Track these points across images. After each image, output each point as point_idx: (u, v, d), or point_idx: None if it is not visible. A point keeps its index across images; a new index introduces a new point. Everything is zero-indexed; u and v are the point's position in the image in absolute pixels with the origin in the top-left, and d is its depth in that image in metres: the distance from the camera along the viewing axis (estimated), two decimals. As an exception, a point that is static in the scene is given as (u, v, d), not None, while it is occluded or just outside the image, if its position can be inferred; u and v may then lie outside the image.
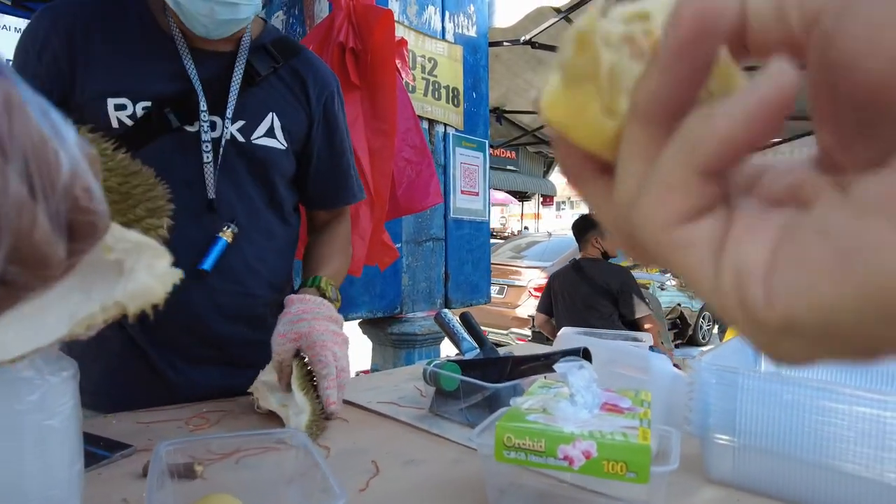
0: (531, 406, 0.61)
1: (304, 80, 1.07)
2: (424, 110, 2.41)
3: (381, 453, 0.81)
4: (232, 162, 1.00)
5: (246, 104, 1.00)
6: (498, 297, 6.31)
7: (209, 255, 0.96)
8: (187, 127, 0.95)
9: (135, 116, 0.92)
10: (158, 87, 0.94)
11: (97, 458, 0.72)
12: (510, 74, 4.23)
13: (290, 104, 1.06)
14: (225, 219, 0.98)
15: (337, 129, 1.14)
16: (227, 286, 1.00)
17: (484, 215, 2.74)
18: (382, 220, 1.85)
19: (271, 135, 1.03)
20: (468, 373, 0.96)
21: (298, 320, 0.91)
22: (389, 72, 1.78)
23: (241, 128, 1.00)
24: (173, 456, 0.65)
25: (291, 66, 1.06)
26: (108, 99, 0.91)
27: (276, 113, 1.03)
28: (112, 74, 0.92)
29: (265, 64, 1.02)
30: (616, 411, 0.62)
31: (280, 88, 1.05)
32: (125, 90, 0.92)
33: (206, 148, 0.96)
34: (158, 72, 0.95)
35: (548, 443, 0.54)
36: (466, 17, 2.60)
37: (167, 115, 0.93)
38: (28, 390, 0.54)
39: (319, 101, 1.09)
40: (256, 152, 1.01)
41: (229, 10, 0.90)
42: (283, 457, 0.72)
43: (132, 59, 0.94)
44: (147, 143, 0.92)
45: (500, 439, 0.56)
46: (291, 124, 1.05)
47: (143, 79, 0.94)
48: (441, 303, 2.54)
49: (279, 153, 1.04)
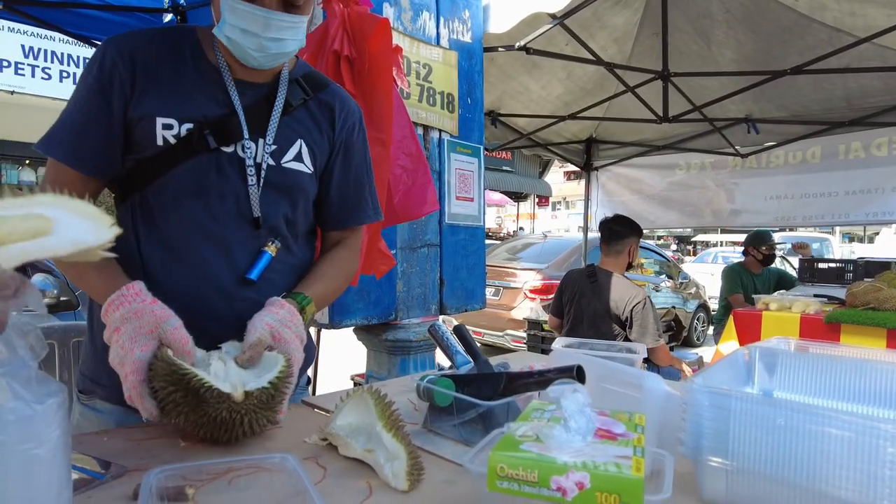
0: (524, 433, 0.61)
1: (331, 112, 1.18)
2: (419, 116, 2.40)
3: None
4: (270, 184, 1.09)
5: (277, 131, 1.10)
6: (494, 298, 6.32)
7: (256, 266, 1.07)
8: (224, 148, 1.04)
9: (178, 136, 1.02)
10: (203, 112, 1.04)
11: (89, 479, 0.72)
12: (505, 78, 4.22)
13: (316, 132, 1.16)
14: (269, 234, 1.09)
15: (355, 156, 1.24)
16: (246, 293, 1.06)
17: (479, 221, 2.74)
18: (379, 228, 1.84)
19: (299, 159, 1.13)
20: (462, 388, 0.96)
21: (284, 326, 0.98)
22: (386, 80, 1.78)
23: (272, 152, 1.09)
24: (164, 479, 0.64)
25: (320, 98, 1.17)
26: (157, 118, 1.01)
27: (303, 140, 1.13)
28: (164, 98, 1.03)
29: (296, 95, 1.14)
30: (609, 438, 0.62)
31: (308, 118, 1.15)
32: (174, 112, 1.02)
33: (250, 172, 1.06)
34: (205, 98, 1.05)
35: (541, 473, 0.54)
36: (461, 22, 2.60)
37: (206, 135, 1.02)
38: (13, 418, 0.53)
39: (342, 131, 1.20)
40: (286, 175, 1.11)
41: (277, 45, 1.01)
42: (274, 479, 0.72)
43: (183, 87, 1.04)
44: (187, 159, 1.02)
45: (493, 469, 0.56)
46: (317, 150, 1.15)
47: (191, 104, 1.04)
48: (436, 309, 2.53)
49: (305, 176, 1.14)
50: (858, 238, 24.37)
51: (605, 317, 3.00)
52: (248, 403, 0.83)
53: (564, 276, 3.33)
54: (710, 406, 0.72)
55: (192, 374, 0.82)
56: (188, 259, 1.03)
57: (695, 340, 8.05)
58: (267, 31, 0.99)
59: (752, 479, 0.69)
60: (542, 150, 5.69)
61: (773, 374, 1.02)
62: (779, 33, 3.46)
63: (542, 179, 18.54)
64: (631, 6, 3.55)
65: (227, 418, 0.83)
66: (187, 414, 0.83)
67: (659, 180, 5.77)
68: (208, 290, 1.03)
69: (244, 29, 0.98)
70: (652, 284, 7.21)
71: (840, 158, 4.70)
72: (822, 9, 3.16)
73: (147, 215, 1.04)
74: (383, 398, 0.86)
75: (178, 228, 1.03)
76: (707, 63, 3.92)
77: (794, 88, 4.08)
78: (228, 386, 0.83)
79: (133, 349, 0.86)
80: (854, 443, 0.62)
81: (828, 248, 14.50)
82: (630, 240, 3.08)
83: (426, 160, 2.03)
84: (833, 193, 4.78)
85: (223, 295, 1.04)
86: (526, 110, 4.72)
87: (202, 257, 1.03)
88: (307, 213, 1.19)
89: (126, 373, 0.86)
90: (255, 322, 0.97)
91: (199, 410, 0.83)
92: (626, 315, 2.95)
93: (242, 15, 0.98)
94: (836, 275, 4.66)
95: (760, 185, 5.20)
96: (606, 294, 2.99)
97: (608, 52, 3.87)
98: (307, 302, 1.07)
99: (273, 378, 0.87)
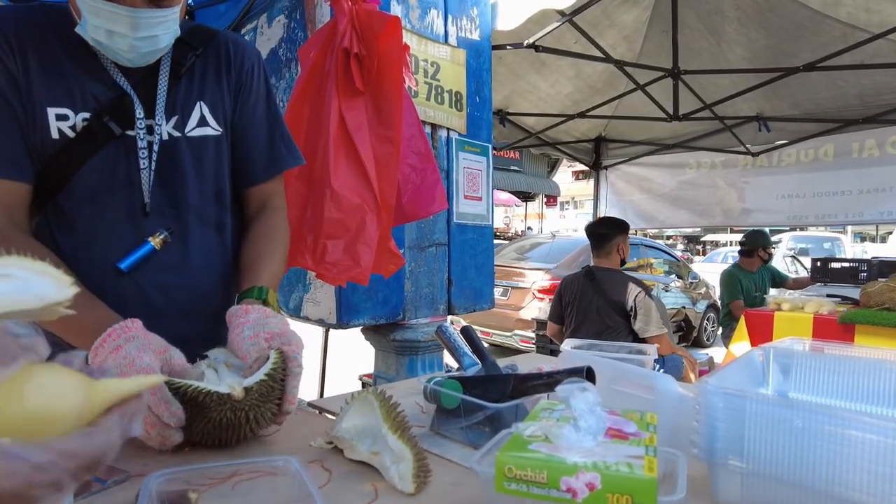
0: (533, 433, 0.60)
1: (224, 58, 1.10)
2: (427, 115, 2.39)
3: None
4: (175, 159, 1.02)
5: (175, 99, 1.03)
6: (502, 298, 6.29)
7: (130, 256, 0.99)
8: (129, 132, 0.98)
9: (76, 128, 0.94)
10: (93, 95, 0.96)
11: (91, 485, 0.71)
12: (514, 76, 4.20)
13: (215, 87, 1.08)
14: (159, 224, 1.01)
15: (257, 100, 1.15)
16: (183, 281, 1.02)
17: (487, 220, 2.72)
18: (390, 228, 1.83)
19: (204, 123, 1.06)
20: (469, 390, 0.94)
21: (265, 322, 0.92)
22: (396, 79, 1.77)
23: (175, 124, 1.02)
24: (166, 484, 0.63)
25: (210, 49, 1.09)
26: (49, 108, 0.93)
27: (203, 101, 1.06)
28: (51, 85, 0.93)
29: (186, 55, 1.04)
30: (621, 437, 0.60)
31: (203, 75, 1.07)
32: (65, 101, 0.94)
33: (142, 154, 0.99)
34: (92, 82, 0.97)
35: (550, 474, 0.53)
36: (469, 20, 2.58)
37: (107, 123, 0.95)
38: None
39: (240, 75, 1.12)
40: (193, 143, 1.04)
41: (149, 43, 0.93)
42: (277, 483, 0.71)
43: (64, 72, 0.95)
44: (96, 152, 0.95)
45: (501, 470, 0.54)
46: (221, 106, 1.08)
47: (79, 89, 0.95)
48: (444, 309, 2.52)
49: (215, 139, 1.07)
50: (871, 237, 24.09)
51: (610, 309, 3.02)
52: (249, 399, 0.83)
53: (562, 282, 3.36)
54: (725, 408, 0.70)
55: (188, 385, 0.81)
56: (112, 257, 0.97)
57: (705, 341, 7.98)
58: (136, 32, 0.90)
59: (768, 483, 0.67)
60: (551, 149, 5.67)
61: (788, 375, 0.99)
62: (791, 30, 3.41)
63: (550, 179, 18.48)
64: (640, 3, 3.52)
65: (231, 418, 0.82)
66: (192, 425, 0.82)
67: (669, 179, 5.72)
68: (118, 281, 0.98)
69: (109, 30, 0.89)
70: (661, 284, 7.15)
71: (854, 157, 4.64)
72: (836, 5, 3.12)
73: (62, 222, 0.97)
74: (388, 399, 0.85)
75: (97, 227, 0.97)
76: (718, 60, 3.88)
77: (806, 86, 4.03)
78: (226, 387, 0.83)
79: (142, 357, 0.79)
80: (876, 445, 0.59)
81: (839, 247, 14.35)
82: (616, 239, 3.12)
83: (434, 159, 2.02)
84: (846, 192, 4.71)
85: (158, 285, 1.00)
86: (534, 109, 4.70)
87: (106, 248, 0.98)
88: (227, 179, 1.11)
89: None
90: (237, 344, 0.91)
91: (202, 418, 0.82)
92: (630, 304, 2.97)
93: (105, 16, 0.88)
94: (850, 275, 4.60)
95: (772, 184, 5.14)
96: (608, 287, 3.04)
97: (617, 50, 3.84)
98: (265, 293, 1.01)
99: (268, 370, 0.86)
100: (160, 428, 0.78)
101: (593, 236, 3.20)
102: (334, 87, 1.69)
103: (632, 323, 2.98)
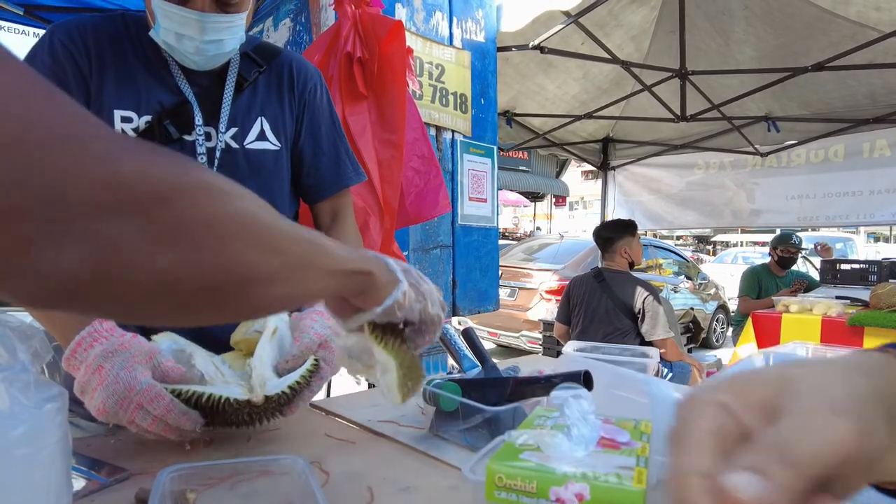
0: (525, 442, 0.60)
1: (287, 78, 1.13)
2: (431, 117, 2.40)
3: (377, 478, 0.80)
4: (231, 170, 1.04)
5: (237, 111, 1.06)
6: (509, 299, 6.28)
7: None
8: (186, 137, 1.01)
9: (138, 130, 0.98)
10: (158, 101, 1.01)
11: (93, 483, 0.72)
12: (521, 77, 4.19)
13: (277, 104, 1.11)
14: None
15: (322, 118, 1.19)
16: None
17: (492, 222, 2.72)
18: (392, 230, 1.84)
19: (263, 138, 1.08)
20: (468, 393, 0.95)
21: (330, 329, 0.92)
22: (399, 83, 1.78)
23: (234, 135, 1.05)
24: (169, 483, 0.64)
25: (274, 67, 1.13)
26: (116, 111, 0.98)
27: (264, 116, 1.09)
28: (120, 89, 0.99)
29: (250, 70, 1.09)
30: (613, 447, 0.60)
31: (266, 91, 1.11)
32: (131, 103, 0.99)
33: (201, 160, 1.01)
34: (158, 86, 1.02)
35: (539, 484, 0.53)
36: (474, 22, 2.59)
37: (166, 126, 0.99)
38: (12, 424, 0.53)
39: (303, 94, 1.15)
40: (251, 156, 1.07)
41: (215, 46, 0.98)
42: (277, 482, 0.71)
43: (135, 76, 1.01)
44: None
45: (492, 479, 0.55)
46: (281, 123, 1.11)
47: (146, 94, 1.01)
48: (449, 311, 2.52)
49: (273, 154, 1.10)
50: (884, 238, 23.79)
51: (618, 311, 3.01)
52: (267, 405, 0.83)
53: (570, 283, 3.34)
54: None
55: (201, 393, 0.80)
56: None
57: (714, 342, 7.92)
58: (203, 35, 0.94)
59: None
60: (559, 149, 5.65)
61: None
62: (800, 29, 3.38)
63: (559, 179, 18.44)
64: (647, 4, 3.51)
65: (247, 421, 0.84)
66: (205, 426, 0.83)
67: (677, 180, 5.68)
68: None
69: (179, 33, 0.94)
70: (670, 285, 7.11)
71: (864, 157, 4.58)
72: (846, 3, 3.09)
73: None
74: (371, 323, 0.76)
75: None
76: (726, 60, 3.85)
77: (816, 85, 3.99)
78: (242, 390, 0.83)
79: (136, 378, 0.75)
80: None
81: (852, 248, 14.19)
82: (623, 241, 3.10)
83: (438, 162, 2.03)
84: (857, 192, 4.66)
85: None
86: (541, 110, 4.69)
87: None
88: (285, 197, 1.14)
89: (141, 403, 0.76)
90: (303, 329, 0.91)
91: (216, 420, 0.83)
92: (638, 307, 2.96)
93: (176, 19, 0.93)
94: (860, 276, 4.55)
95: (781, 185, 5.09)
96: (617, 289, 3.03)
97: (624, 51, 3.82)
98: None
99: (293, 382, 0.86)
100: (179, 434, 0.81)
101: (600, 240, 3.23)
102: (337, 91, 1.70)
103: (639, 325, 2.97)
